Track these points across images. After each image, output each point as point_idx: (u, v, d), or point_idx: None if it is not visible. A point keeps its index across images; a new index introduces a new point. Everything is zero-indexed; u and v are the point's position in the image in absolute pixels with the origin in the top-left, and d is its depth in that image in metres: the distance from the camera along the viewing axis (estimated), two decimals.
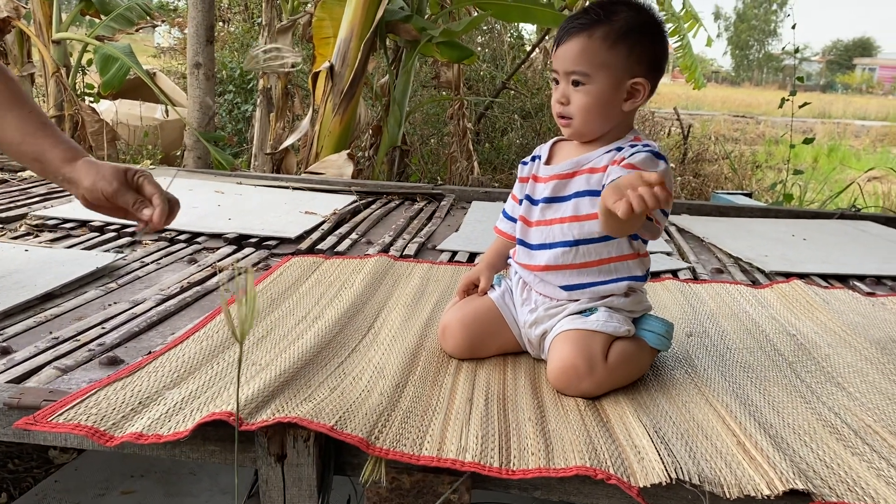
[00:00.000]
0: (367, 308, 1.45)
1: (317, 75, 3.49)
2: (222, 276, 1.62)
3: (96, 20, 4.31)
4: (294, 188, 2.66)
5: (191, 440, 0.92)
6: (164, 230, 1.88)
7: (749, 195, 3.55)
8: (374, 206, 2.50)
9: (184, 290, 1.51)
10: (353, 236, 2.05)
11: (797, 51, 4.40)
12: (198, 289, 1.52)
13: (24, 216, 2.05)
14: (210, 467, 1.78)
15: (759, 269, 1.91)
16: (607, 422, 1.02)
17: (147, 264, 1.69)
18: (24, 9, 4.25)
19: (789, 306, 1.58)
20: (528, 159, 1.27)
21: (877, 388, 1.18)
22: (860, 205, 4.39)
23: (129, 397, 1.00)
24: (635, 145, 1.13)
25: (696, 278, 1.81)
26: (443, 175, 5.24)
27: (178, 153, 5.70)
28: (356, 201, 2.49)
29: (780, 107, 4.25)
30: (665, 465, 0.88)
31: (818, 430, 1.03)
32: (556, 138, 1.27)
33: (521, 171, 1.28)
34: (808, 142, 4.53)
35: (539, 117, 6.50)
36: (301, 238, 1.99)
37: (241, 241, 1.94)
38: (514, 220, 1.27)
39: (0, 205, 2.18)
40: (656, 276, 1.77)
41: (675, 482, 0.86)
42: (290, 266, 1.68)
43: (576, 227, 1.16)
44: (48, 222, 1.99)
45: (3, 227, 1.95)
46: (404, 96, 3.86)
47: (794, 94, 4.20)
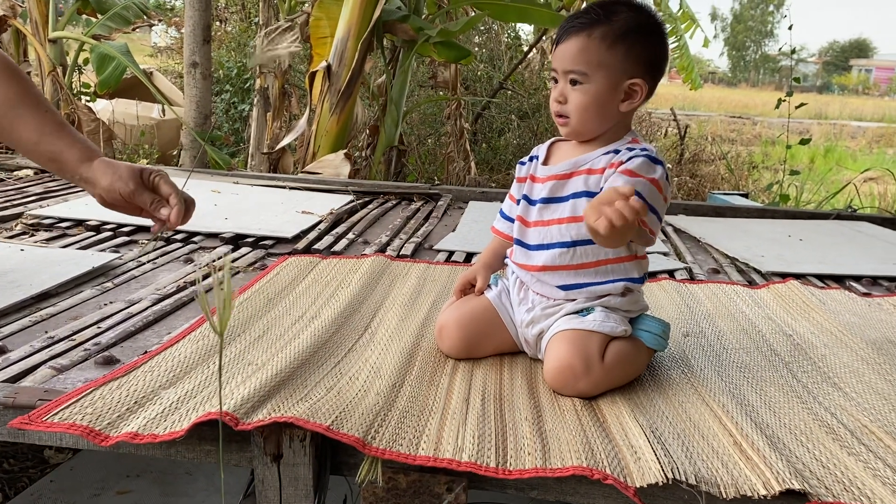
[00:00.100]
0: (363, 308, 1.45)
1: (314, 75, 3.48)
2: (202, 272, 1.62)
3: (93, 19, 4.30)
4: (291, 188, 2.65)
5: (186, 440, 0.92)
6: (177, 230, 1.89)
7: (746, 196, 3.56)
8: (370, 206, 2.50)
9: (180, 290, 1.51)
10: (350, 236, 2.05)
11: (794, 52, 4.41)
12: (194, 288, 1.52)
13: (19, 215, 2.04)
14: (206, 467, 1.78)
15: (755, 269, 1.92)
16: (604, 422, 1.02)
17: (143, 264, 1.69)
18: (21, 7, 4.24)
19: (786, 307, 1.59)
20: (525, 159, 1.27)
21: (873, 388, 1.18)
22: (856, 205, 4.40)
23: (124, 397, 0.99)
24: (633, 149, 1.13)
25: (692, 278, 1.81)
26: (440, 175, 5.23)
27: (174, 152, 5.69)
28: (353, 201, 2.49)
29: (777, 108, 4.26)
30: (661, 466, 0.88)
31: (814, 430, 1.03)
32: (553, 138, 1.27)
33: (518, 172, 1.28)
34: (804, 142, 4.54)
35: (536, 118, 6.50)
36: (298, 238, 1.99)
37: (237, 240, 1.94)
38: (511, 220, 1.27)
39: None
40: (653, 276, 1.77)
41: (671, 482, 0.86)
42: (286, 266, 1.67)
43: (574, 227, 1.16)
44: (44, 221, 1.98)
45: None
46: (401, 96, 3.86)
47: (790, 95, 4.21)
